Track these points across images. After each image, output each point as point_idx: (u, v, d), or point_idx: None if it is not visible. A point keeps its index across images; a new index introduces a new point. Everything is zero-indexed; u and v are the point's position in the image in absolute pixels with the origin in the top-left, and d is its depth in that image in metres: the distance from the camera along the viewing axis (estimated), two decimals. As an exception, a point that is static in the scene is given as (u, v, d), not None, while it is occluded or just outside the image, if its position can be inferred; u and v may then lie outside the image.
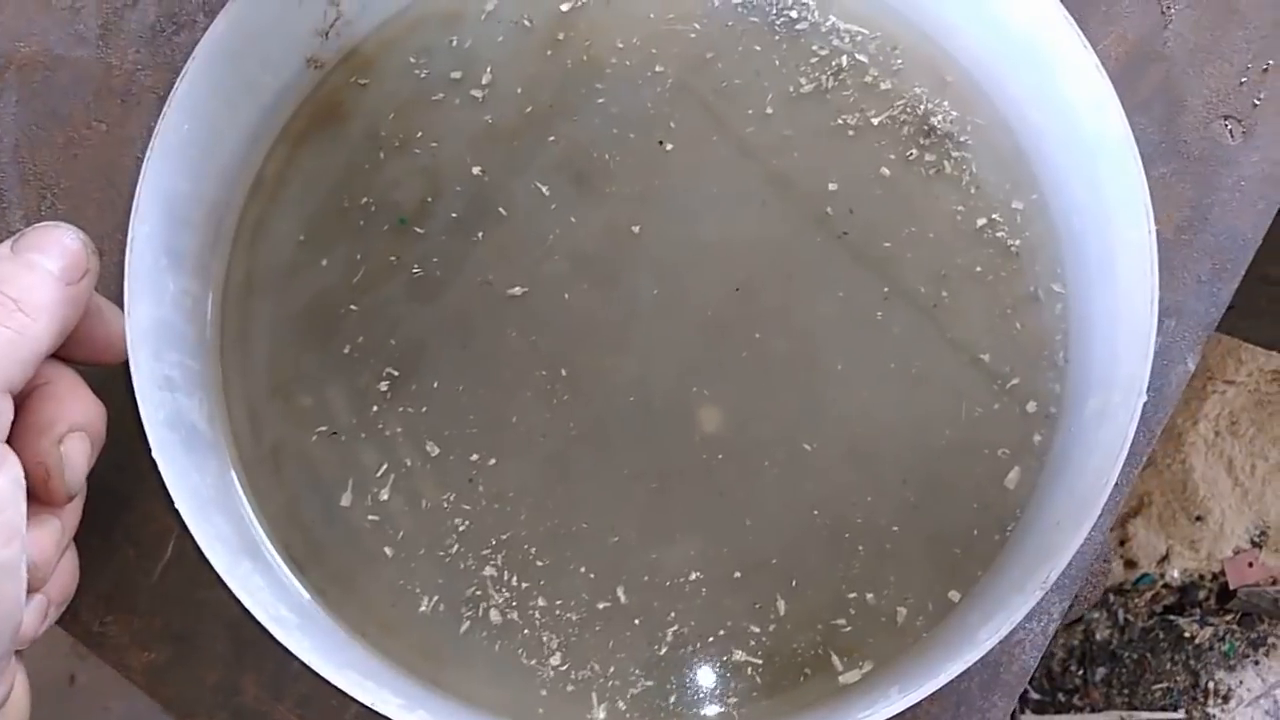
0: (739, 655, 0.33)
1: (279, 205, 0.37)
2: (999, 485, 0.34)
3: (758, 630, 0.34)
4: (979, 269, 0.36)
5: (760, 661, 0.33)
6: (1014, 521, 0.34)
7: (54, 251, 0.31)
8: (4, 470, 0.28)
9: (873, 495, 0.35)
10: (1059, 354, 0.35)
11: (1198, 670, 1.09)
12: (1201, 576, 1.12)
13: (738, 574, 0.34)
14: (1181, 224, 0.38)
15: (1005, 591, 0.31)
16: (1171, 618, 1.11)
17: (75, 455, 0.31)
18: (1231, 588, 1.10)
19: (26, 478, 0.30)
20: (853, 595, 0.34)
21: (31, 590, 0.31)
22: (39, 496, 0.31)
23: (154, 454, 0.30)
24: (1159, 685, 1.10)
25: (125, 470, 0.35)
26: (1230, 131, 0.39)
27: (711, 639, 0.34)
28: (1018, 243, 0.36)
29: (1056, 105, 0.35)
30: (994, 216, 0.37)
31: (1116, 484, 0.30)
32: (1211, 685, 1.09)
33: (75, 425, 0.31)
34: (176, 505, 0.29)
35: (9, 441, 0.29)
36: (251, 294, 0.37)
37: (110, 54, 0.41)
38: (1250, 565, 1.10)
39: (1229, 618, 1.10)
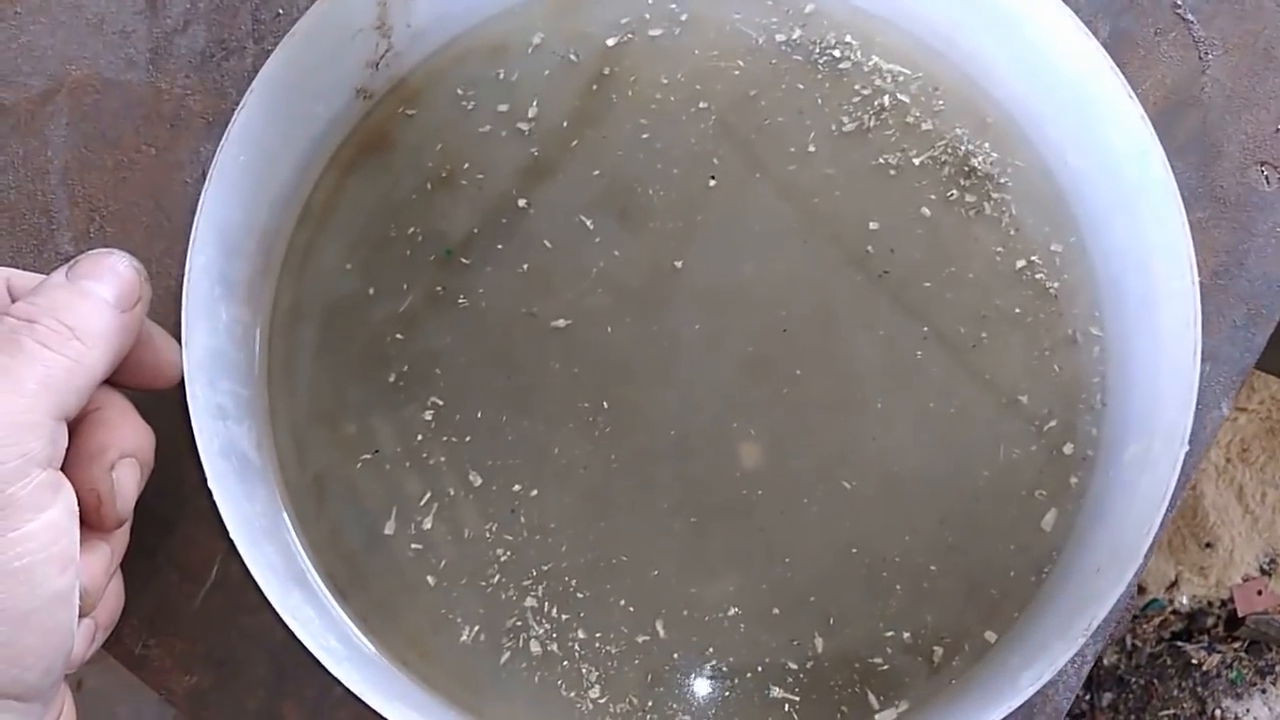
0: (776, 692, 0.34)
1: (327, 234, 0.38)
2: (1036, 527, 0.35)
3: (795, 667, 0.34)
4: (1018, 310, 0.37)
5: (797, 699, 0.34)
6: (1051, 564, 0.34)
7: (108, 279, 0.32)
8: (59, 499, 0.29)
9: (910, 534, 0.35)
10: (1096, 397, 0.36)
11: (1205, 698, 1.09)
12: (1210, 604, 1.12)
13: (776, 610, 0.34)
14: (1218, 269, 0.38)
15: (1044, 634, 0.31)
16: (1179, 644, 1.11)
17: (126, 482, 0.31)
18: (1240, 615, 1.10)
19: (78, 504, 0.30)
20: (890, 634, 0.34)
21: (81, 615, 0.31)
22: (90, 522, 0.31)
23: (210, 484, 0.30)
24: (1166, 712, 1.10)
25: (169, 494, 0.36)
26: (1266, 178, 0.39)
27: (749, 675, 0.34)
28: (1056, 285, 0.37)
29: (1098, 151, 0.36)
30: (1033, 258, 0.37)
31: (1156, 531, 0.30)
32: (1218, 713, 1.09)
33: (126, 451, 0.31)
34: (231, 535, 0.30)
35: (61, 468, 0.30)
36: (299, 322, 0.37)
37: (160, 78, 0.42)
38: (1259, 593, 1.10)
39: (1237, 645, 1.11)
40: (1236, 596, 1.10)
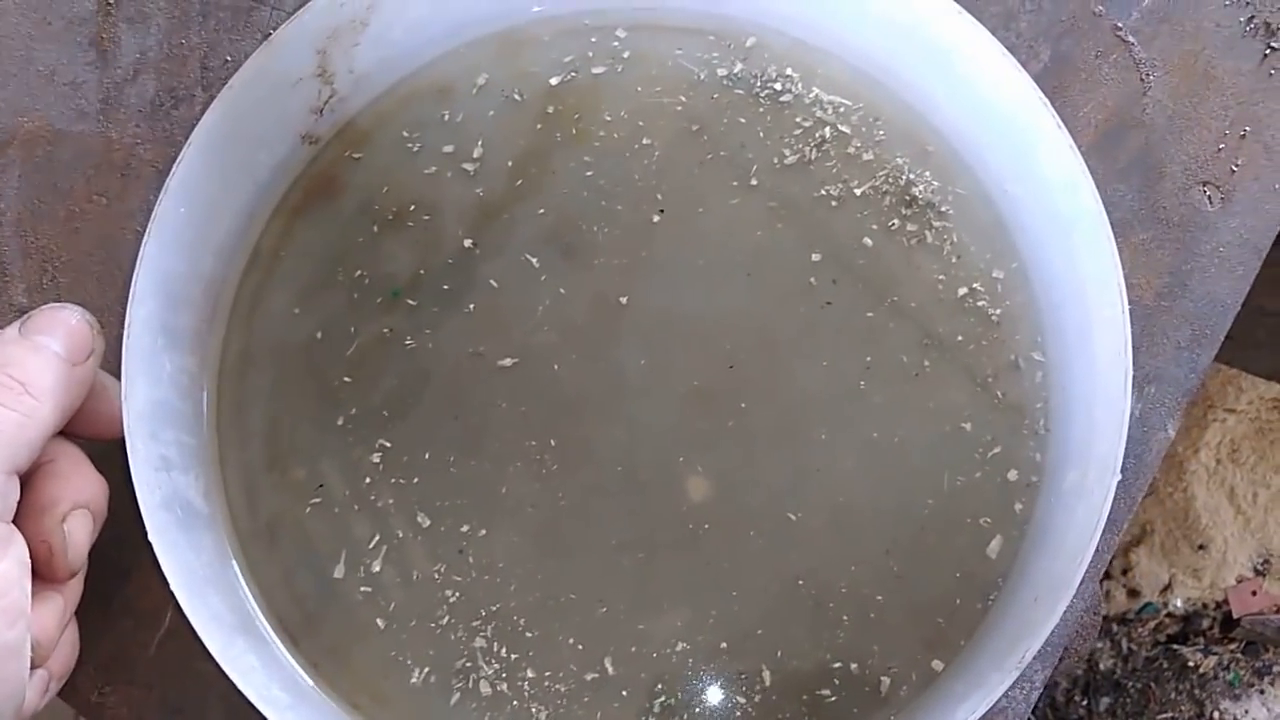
0: (725, 726, 0.34)
1: (275, 279, 0.38)
2: (981, 554, 0.35)
3: (743, 701, 0.34)
4: (960, 338, 0.37)
5: (746, 733, 0.34)
6: (996, 591, 0.35)
7: (59, 333, 0.32)
8: (9, 552, 0.29)
9: (856, 564, 0.35)
10: (1040, 422, 0.36)
11: (1202, 700, 1.09)
12: (1205, 605, 1.12)
13: (724, 644, 0.35)
14: (1161, 290, 0.39)
15: (987, 664, 0.31)
16: (1175, 647, 1.11)
17: (78, 533, 0.32)
18: (1235, 616, 1.10)
19: (30, 556, 0.31)
20: (837, 665, 0.34)
21: (34, 666, 0.32)
22: (42, 574, 0.31)
23: (151, 536, 0.30)
24: (1163, 715, 1.10)
25: (124, 542, 0.36)
26: (1209, 198, 0.40)
27: (698, 709, 0.34)
28: (999, 311, 0.37)
29: (1034, 179, 0.36)
30: (975, 285, 0.37)
31: (1097, 550, 0.30)
32: (1217, 715, 1.09)
33: (78, 503, 0.32)
34: (172, 587, 0.30)
35: (13, 520, 0.30)
36: (248, 368, 0.37)
37: (110, 128, 0.42)
38: (1254, 594, 1.10)
39: (1233, 647, 1.10)
40: (1231, 598, 1.10)
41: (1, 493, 0.29)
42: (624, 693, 0.34)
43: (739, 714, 0.34)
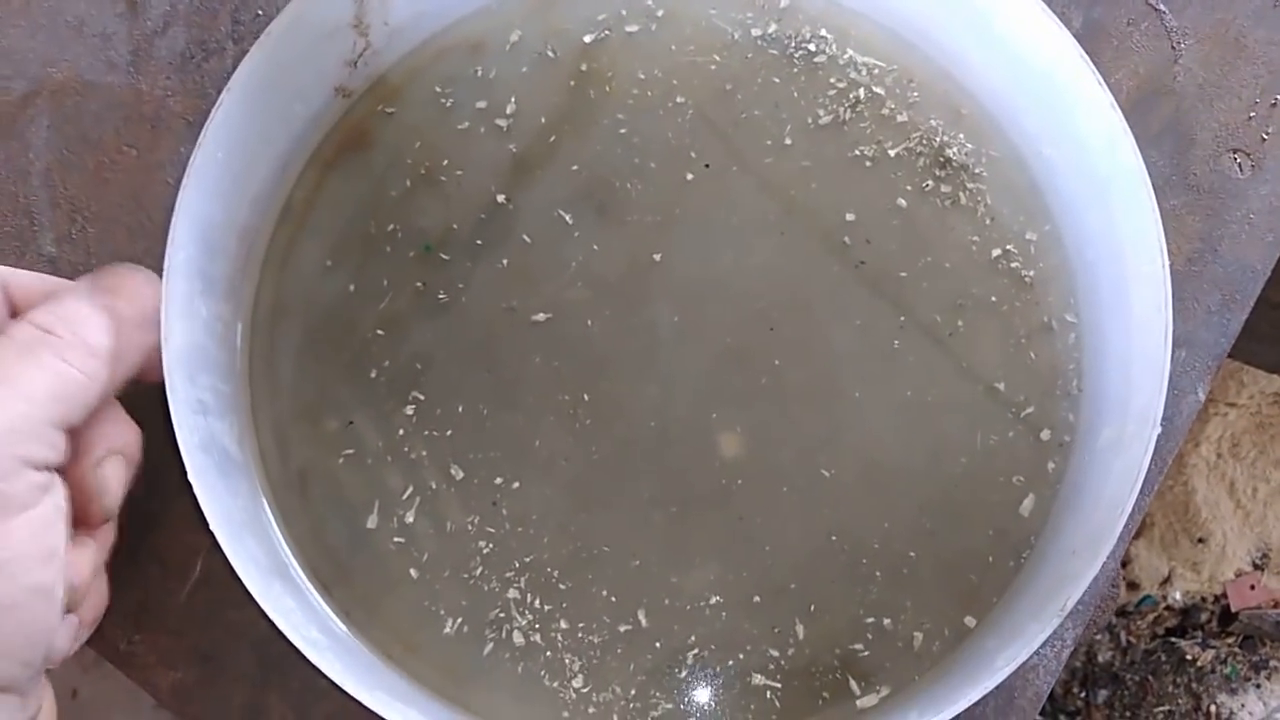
0: (758, 679, 0.34)
1: (307, 231, 0.38)
2: (1014, 512, 0.35)
3: (776, 654, 0.34)
4: (994, 299, 0.37)
5: (779, 685, 0.34)
6: (1029, 549, 0.35)
7: (129, 295, 0.32)
8: (48, 497, 0.29)
9: (889, 521, 0.35)
10: (1073, 383, 0.36)
11: (1199, 693, 1.09)
12: (1203, 599, 1.13)
13: (757, 598, 0.35)
14: (1192, 256, 0.39)
15: (1021, 618, 0.31)
16: (1173, 640, 1.11)
17: (112, 478, 0.32)
18: (1233, 610, 1.10)
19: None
20: (870, 620, 0.34)
21: (66, 611, 0.32)
22: (76, 519, 0.31)
23: (191, 477, 0.30)
24: (1160, 708, 1.10)
25: (153, 491, 0.36)
26: (1239, 165, 0.40)
27: (731, 662, 0.34)
28: (1032, 273, 0.37)
29: (1071, 140, 0.36)
30: (1008, 247, 0.37)
31: (1130, 512, 0.30)
32: (1213, 709, 1.09)
33: (113, 448, 0.32)
34: (212, 528, 0.30)
35: None
36: (280, 319, 0.37)
37: (140, 80, 0.42)
38: (1252, 588, 1.10)
39: (1231, 641, 1.11)
40: (1230, 592, 1.10)
41: (50, 445, 0.29)
42: (657, 644, 0.34)
43: (772, 667, 0.34)
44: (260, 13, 0.43)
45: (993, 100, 0.38)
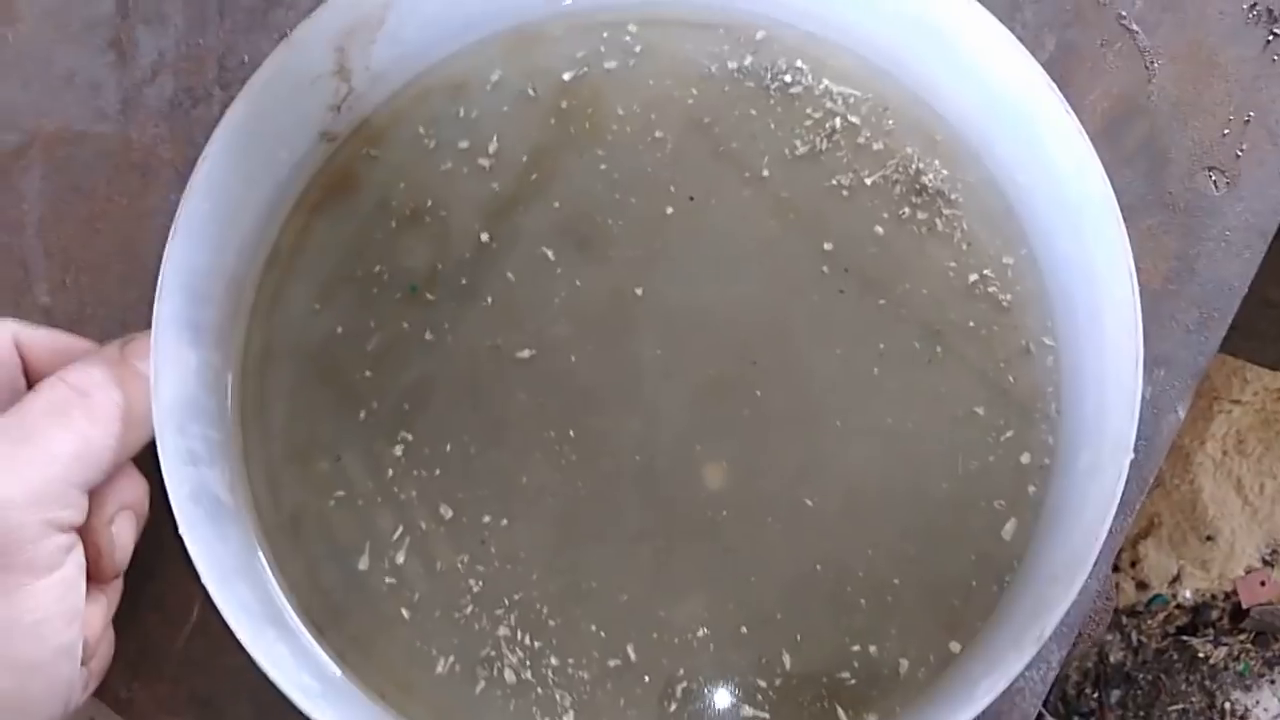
0: (747, 710, 0.35)
1: (295, 275, 0.39)
2: (996, 537, 0.35)
3: (764, 685, 0.35)
4: (972, 324, 0.37)
5: (767, 715, 0.34)
6: (1011, 573, 0.35)
7: None
8: (71, 558, 0.30)
9: (873, 549, 0.36)
10: (1051, 406, 0.36)
11: (1213, 691, 1.09)
12: (1214, 596, 1.12)
13: (744, 629, 0.35)
14: (1169, 274, 0.39)
15: (1005, 644, 0.32)
16: (1185, 638, 1.11)
17: (124, 534, 0.32)
18: (1244, 607, 1.10)
19: None
20: (856, 648, 0.35)
21: (80, 664, 0.33)
22: (90, 575, 0.32)
23: (181, 529, 0.31)
24: (1174, 707, 1.10)
25: (150, 538, 0.36)
26: (1215, 182, 0.40)
27: (719, 694, 0.35)
28: (1009, 297, 0.38)
29: (1042, 166, 0.36)
30: (985, 272, 0.38)
31: (1110, 531, 0.31)
32: (1228, 706, 1.09)
33: (124, 504, 0.32)
34: (202, 579, 0.31)
35: None
36: (269, 363, 0.38)
37: (130, 128, 0.43)
38: (1262, 584, 1.10)
39: (1243, 637, 1.11)
40: (1240, 588, 1.10)
41: (76, 507, 0.30)
42: (646, 678, 0.35)
43: (760, 697, 0.35)
44: (246, 59, 0.43)
45: (967, 127, 0.39)
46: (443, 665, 0.35)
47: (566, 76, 0.40)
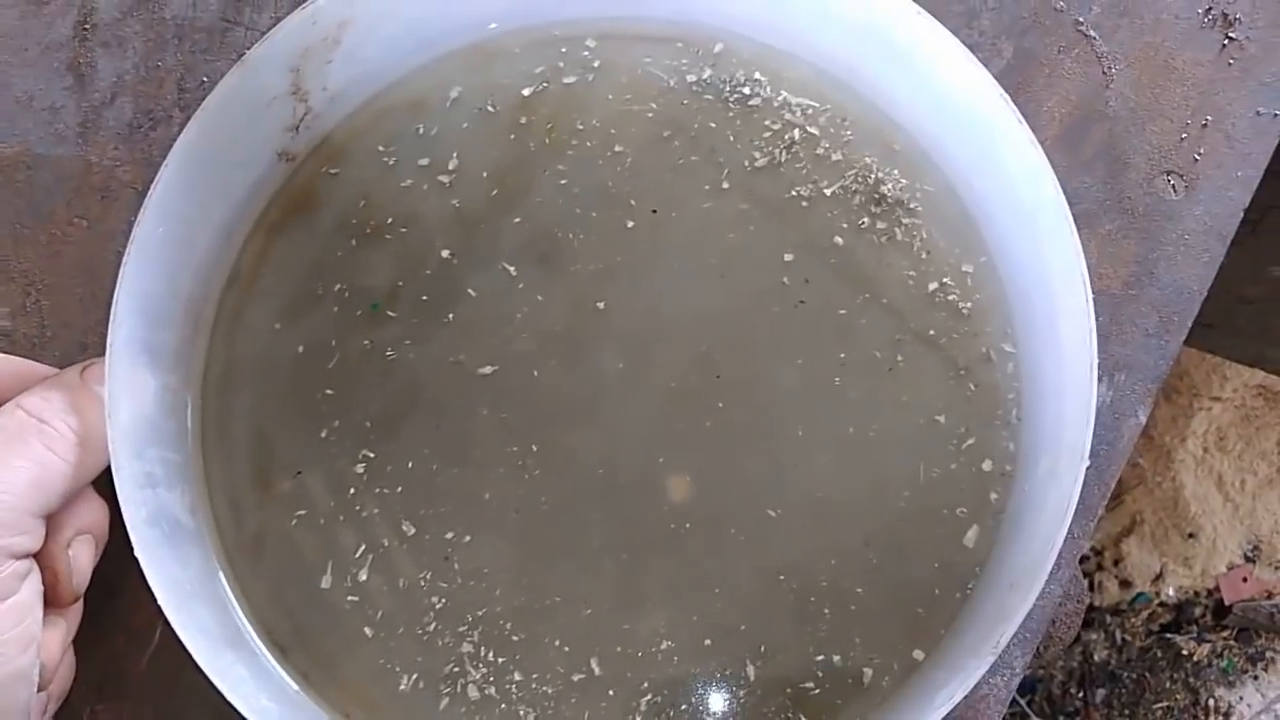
0: (711, 722, 0.35)
1: (255, 295, 0.39)
2: (958, 544, 0.36)
3: (729, 697, 0.35)
4: (932, 332, 0.38)
5: (732, 727, 0.35)
6: (974, 579, 0.35)
7: None
8: (28, 584, 0.30)
9: (836, 558, 0.36)
10: (1012, 413, 0.37)
11: (1197, 688, 1.09)
12: (1197, 594, 1.13)
13: (708, 641, 0.35)
14: (1129, 279, 0.39)
15: (966, 652, 0.32)
16: (1169, 636, 1.12)
17: (82, 558, 0.32)
18: (1227, 604, 1.10)
19: None
20: (820, 658, 0.35)
21: (38, 689, 0.32)
22: (47, 599, 0.32)
23: (137, 552, 0.31)
24: (1159, 704, 1.10)
25: (113, 559, 0.36)
26: (1173, 186, 0.40)
27: (684, 707, 0.35)
28: (969, 305, 0.38)
29: (997, 173, 0.36)
30: (945, 280, 0.38)
31: (1071, 536, 0.31)
32: (1212, 702, 1.09)
33: (82, 529, 0.32)
34: (160, 601, 0.31)
35: None
36: (230, 384, 0.38)
37: (89, 151, 0.43)
38: (1244, 580, 1.10)
39: (1226, 634, 1.11)
40: (1222, 585, 1.11)
41: (31, 533, 0.30)
42: (611, 692, 0.35)
43: (725, 710, 0.35)
44: (205, 79, 0.43)
45: (923, 135, 0.39)
46: (406, 682, 0.35)
47: (526, 92, 0.41)
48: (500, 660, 0.35)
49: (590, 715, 0.35)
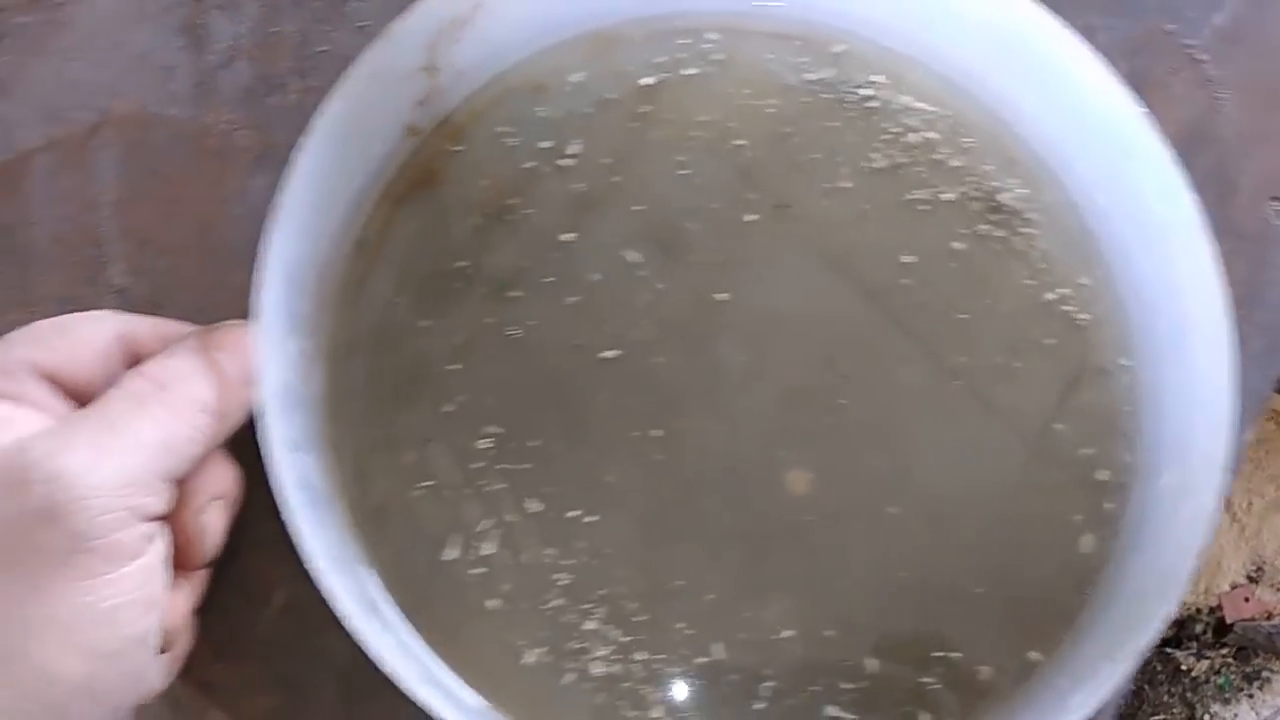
0: (832, 711, 0.35)
1: (380, 267, 0.39)
2: (1074, 550, 0.36)
3: (850, 687, 0.35)
4: (1049, 341, 0.38)
5: (853, 717, 0.35)
6: (1091, 585, 0.36)
7: (239, 354, 0.33)
8: (153, 547, 0.30)
9: (954, 557, 0.36)
10: (1129, 425, 0.37)
11: (1194, 703, 1.11)
12: (1199, 610, 1.14)
13: (829, 632, 0.36)
14: (1237, 301, 0.40)
15: (1089, 657, 0.33)
16: (1169, 651, 1.13)
17: (214, 524, 0.33)
18: (1228, 622, 1.12)
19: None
20: (938, 654, 0.36)
21: (163, 650, 0.33)
22: (178, 563, 0.32)
23: (289, 516, 0.31)
24: (1156, 716, 1.12)
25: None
26: (1278, 212, 0.41)
27: (805, 694, 0.35)
28: (1086, 317, 0.38)
29: (1124, 188, 0.37)
30: (1062, 290, 0.39)
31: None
32: (1207, 718, 1.11)
33: (215, 494, 0.33)
34: (311, 566, 0.31)
35: None
36: (355, 354, 0.38)
37: (205, 113, 0.43)
38: (1246, 600, 1.12)
39: (1225, 651, 1.13)
40: (1224, 604, 1.12)
41: (160, 496, 0.30)
42: (733, 676, 0.35)
43: (845, 699, 0.35)
44: (323, 49, 0.44)
45: (1045, 147, 0.40)
46: (530, 656, 0.35)
47: (646, 81, 0.41)
48: (625, 639, 0.36)
49: (713, 698, 0.35)
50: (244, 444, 0.34)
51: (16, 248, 0.42)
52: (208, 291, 0.41)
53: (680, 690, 0.35)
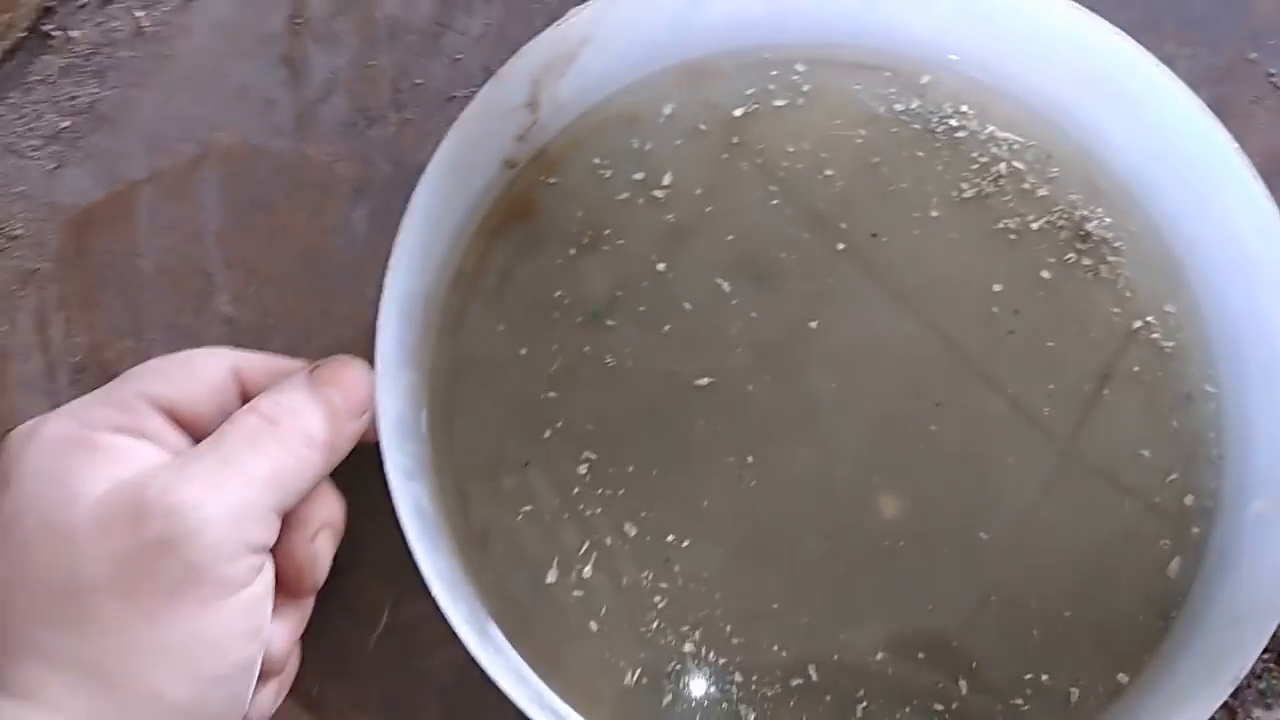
0: (926, 732, 0.36)
1: (479, 297, 0.40)
2: (1161, 574, 0.37)
3: (941, 708, 0.36)
4: (1136, 369, 0.39)
5: (949, 738, 0.36)
6: (1178, 609, 0.37)
7: (347, 389, 0.34)
8: (261, 577, 0.31)
9: (1043, 581, 0.37)
10: (1214, 451, 0.38)
11: (1235, 707, 1.10)
12: (1249, 620, 1.13)
13: (921, 654, 0.37)
14: (1321, 329, 0.41)
15: (1180, 681, 0.34)
16: (1220, 660, 1.12)
17: (324, 551, 0.34)
18: (1278, 630, 1.11)
19: (279, 574, 0.33)
20: (1029, 676, 0.36)
21: (270, 675, 0.34)
22: (288, 589, 0.34)
23: (410, 542, 0.32)
24: (1206, 726, 1.11)
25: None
26: (1361, 240, 0.42)
27: (898, 716, 0.36)
28: (1171, 344, 0.39)
29: (1212, 220, 0.38)
30: (1148, 319, 0.39)
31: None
32: (1256, 726, 1.10)
33: (325, 522, 0.34)
34: (431, 590, 0.32)
35: None
36: (456, 382, 0.39)
37: (306, 145, 0.44)
38: (1298, 610, 1.11)
39: (1267, 656, 1.12)
40: (1275, 613, 1.11)
41: (270, 528, 0.32)
42: (828, 697, 0.36)
43: (938, 720, 0.36)
44: (419, 81, 0.45)
45: (1131, 177, 0.40)
46: (630, 677, 0.37)
47: (737, 113, 0.42)
48: (721, 661, 0.37)
49: (808, 718, 0.36)
50: (347, 471, 0.35)
51: (125, 277, 0.43)
52: (312, 320, 0.42)
53: (776, 711, 0.36)
